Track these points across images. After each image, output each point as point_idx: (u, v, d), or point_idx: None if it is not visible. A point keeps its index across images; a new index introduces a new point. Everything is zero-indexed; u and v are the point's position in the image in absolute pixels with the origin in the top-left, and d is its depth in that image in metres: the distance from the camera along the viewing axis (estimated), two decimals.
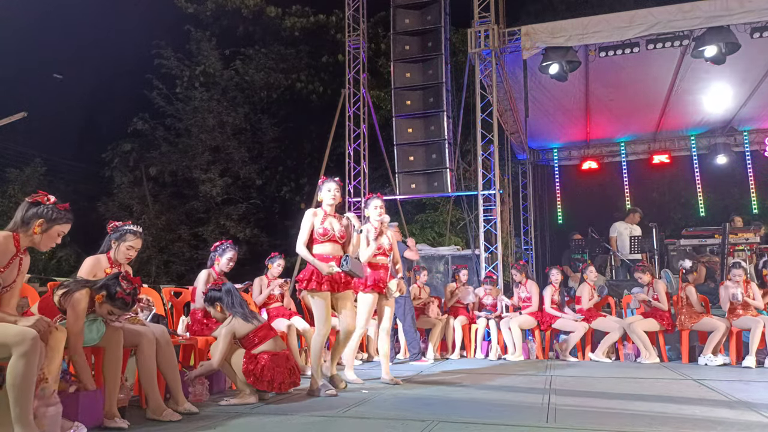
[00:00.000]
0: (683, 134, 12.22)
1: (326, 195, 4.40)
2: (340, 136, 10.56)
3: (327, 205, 4.42)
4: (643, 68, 8.77)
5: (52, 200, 2.87)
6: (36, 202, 2.84)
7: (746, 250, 8.79)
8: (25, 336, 2.53)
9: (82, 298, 3.02)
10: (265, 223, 15.59)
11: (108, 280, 3.17)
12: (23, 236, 2.80)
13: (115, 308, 3.16)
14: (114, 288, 3.11)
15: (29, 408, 2.53)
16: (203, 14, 15.44)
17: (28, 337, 2.52)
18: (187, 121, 15.16)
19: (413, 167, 8.98)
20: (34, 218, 2.80)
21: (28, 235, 2.81)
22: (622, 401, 3.56)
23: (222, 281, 4.44)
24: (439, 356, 7.02)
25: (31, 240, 2.83)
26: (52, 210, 2.85)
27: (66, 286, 3.08)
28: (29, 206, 2.83)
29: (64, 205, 2.91)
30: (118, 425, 3.11)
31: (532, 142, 12.60)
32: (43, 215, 2.82)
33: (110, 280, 3.17)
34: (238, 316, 4.08)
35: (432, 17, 8.97)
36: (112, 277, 3.20)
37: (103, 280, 3.19)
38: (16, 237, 2.78)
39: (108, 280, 3.17)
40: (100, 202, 15.18)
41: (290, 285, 6.23)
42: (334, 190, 4.41)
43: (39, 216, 2.82)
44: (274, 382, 3.95)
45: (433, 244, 11.30)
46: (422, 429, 3.03)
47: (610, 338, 6.55)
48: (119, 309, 3.18)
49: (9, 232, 2.78)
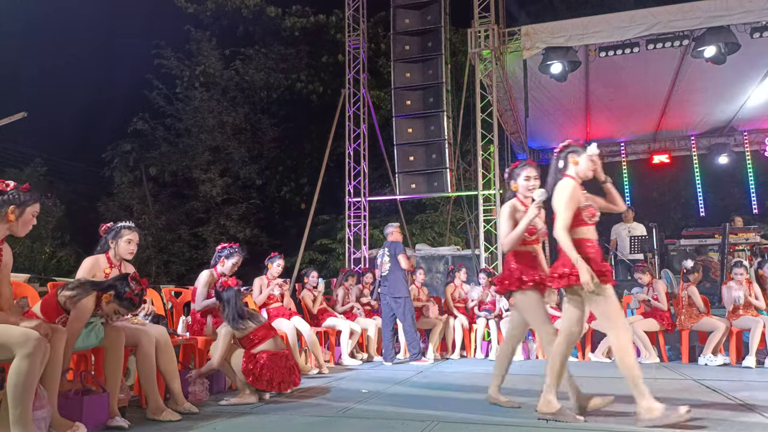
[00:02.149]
0: (683, 134, 12.22)
1: (523, 184, 3.65)
2: (340, 136, 10.56)
3: (523, 196, 3.66)
4: (643, 68, 8.77)
5: (12, 185, 2.81)
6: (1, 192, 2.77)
7: (746, 250, 8.79)
8: (29, 337, 2.53)
9: (89, 302, 3.04)
10: (265, 223, 15.60)
11: (116, 280, 3.18)
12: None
13: (121, 308, 3.17)
14: (123, 288, 3.12)
15: (29, 409, 2.53)
16: (203, 14, 15.45)
17: (31, 338, 2.53)
18: (187, 121, 15.17)
19: (413, 167, 8.98)
20: (4, 206, 2.75)
21: (2, 225, 2.76)
22: (622, 401, 3.56)
23: (227, 284, 4.41)
24: (439, 356, 7.01)
25: (8, 228, 2.79)
26: (19, 194, 2.81)
27: (73, 289, 3.07)
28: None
29: (25, 186, 2.85)
30: (118, 425, 3.11)
31: (532, 142, 12.59)
32: (13, 201, 2.77)
33: (118, 280, 3.18)
34: (228, 326, 4.08)
35: (432, 17, 8.98)
36: (121, 277, 3.21)
37: (110, 280, 3.20)
38: None
39: (116, 280, 3.18)
40: (100, 202, 15.20)
41: (290, 285, 6.23)
42: (534, 178, 3.65)
43: (8, 203, 2.76)
44: (273, 382, 3.96)
45: (433, 244, 11.30)
46: (422, 429, 3.03)
47: None
48: (125, 309, 3.19)
49: None
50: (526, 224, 3.47)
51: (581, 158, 3.34)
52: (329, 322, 6.35)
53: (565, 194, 3.22)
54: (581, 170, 3.32)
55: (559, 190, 3.27)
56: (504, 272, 3.64)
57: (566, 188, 3.25)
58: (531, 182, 3.63)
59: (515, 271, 3.52)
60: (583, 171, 3.33)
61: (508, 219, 3.55)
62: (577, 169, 3.33)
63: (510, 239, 3.51)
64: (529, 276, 3.48)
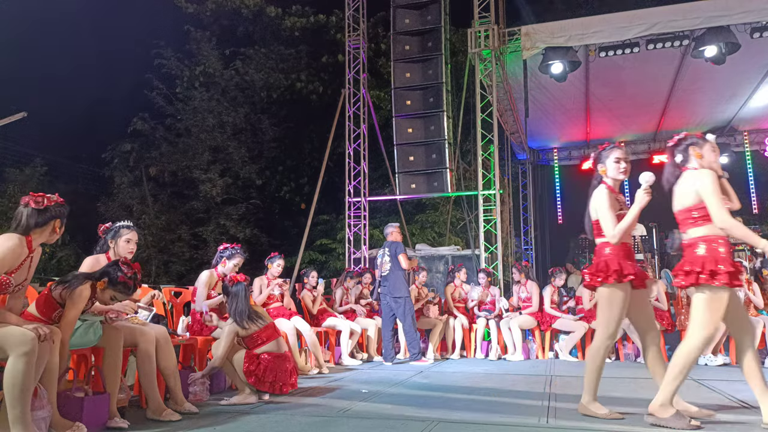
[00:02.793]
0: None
1: (613, 167, 3.40)
2: (340, 136, 10.56)
3: (613, 180, 3.41)
4: (643, 68, 8.77)
5: (55, 200, 2.95)
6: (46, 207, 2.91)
7: (746, 250, 8.80)
8: (25, 337, 2.55)
9: (84, 289, 3.05)
10: (264, 223, 15.59)
11: (108, 267, 3.20)
12: (38, 237, 2.89)
13: (117, 293, 3.18)
14: (115, 273, 3.14)
15: (28, 409, 2.54)
16: (203, 14, 15.46)
17: (28, 338, 2.55)
18: (187, 121, 15.17)
19: (413, 167, 8.98)
20: (51, 220, 2.91)
21: (45, 236, 2.92)
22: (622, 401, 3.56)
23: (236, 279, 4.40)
24: (439, 356, 7.01)
25: (50, 239, 2.95)
26: (61, 208, 2.97)
27: (65, 281, 3.09)
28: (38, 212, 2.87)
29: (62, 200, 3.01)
30: (118, 425, 3.11)
31: (532, 142, 12.60)
32: (58, 215, 2.94)
33: (110, 266, 3.20)
34: (234, 322, 4.09)
35: (432, 17, 8.97)
36: (112, 263, 3.22)
37: (102, 268, 3.21)
38: (29, 240, 2.86)
39: (108, 267, 3.20)
40: (100, 202, 15.20)
41: (290, 285, 6.23)
42: (624, 161, 3.41)
43: (55, 216, 2.93)
44: (275, 384, 3.96)
45: (433, 244, 11.30)
46: (422, 429, 3.03)
47: None
48: (122, 293, 3.20)
49: (21, 235, 2.83)
50: (637, 212, 3.20)
51: (705, 150, 3.12)
52: (329, 322, 6.35)
53: (711, 185, 2.97)
54: (707, 162, 3.10)
55: (701, 183, 3.00)
56: (598, 263, 3.31)
57: (708, 179, 2.99)
58: (622, 165, 3.38)
59: (612, 262, 3.23)
60: (708, 163, 3.10)
61: (610, 207, 3.26)
62: (701, 162, 3.11)
63: (620, 230, 3.21)
64: (628, 269, 3.21)
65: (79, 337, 3.18)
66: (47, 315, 3.04)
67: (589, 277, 3.32)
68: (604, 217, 3.27)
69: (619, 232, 3.21)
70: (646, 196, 3.17)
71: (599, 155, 3.48)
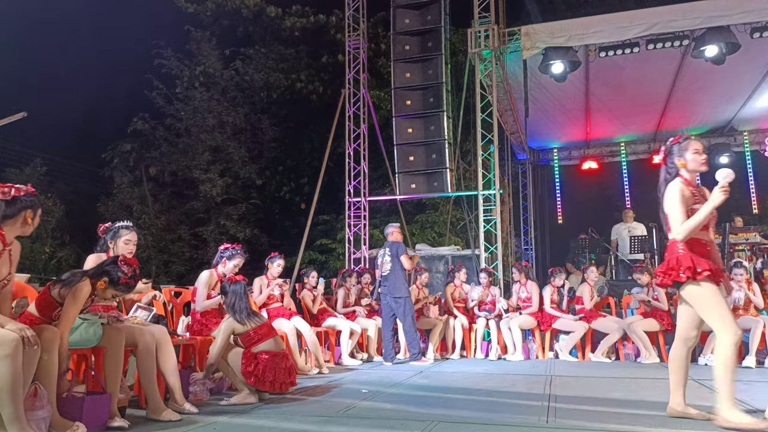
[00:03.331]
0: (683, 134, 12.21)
1: (693, 158, 3.25)
2: (340, 136, 10.56)
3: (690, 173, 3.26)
4: (643, 68, 8.77)
5: (24, 189, 2.89)
6: (14, 198, 2.83)
7: (746, 250, 8.79)
8: (6, 338, 2.52)
9: (84, 285, 3.04)
10: (264, 223, 15.59)
11: (107, 265, 3.17)
12: (9, 229, 2.82)
13: (118, 292, 3.18)
14: (116, 273, 3.13)
15: (20, 408, 2.52)
16: (203, 14, 15.45)
17: (8, 339, 2.51)
18: (187, 121, 15.16)
19: (413, 167, 8.98)
20: (21, 211, 2.83)
21: (17, 228, 2.84)
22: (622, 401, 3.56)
23: (234, 279, 4.41)
24: (439, 356, 7.01)
25: (22, 231, 2.87)
26: (33, 198, 2.89)
27: (64, 280, 3.08)
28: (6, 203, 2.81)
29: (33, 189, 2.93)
30: (118, 425, 3.11)
31: (532, 142, 12.60)
32: (30, 205, 2.86)
33: (110, 265, 3.17)
34: (233, 318, 4.09)
35: (432, 17, 8.97)
36: (111, 261, 3.20)
37: (101, 266, 3.18)
38: (1, 233, 2.80)
39: (107, 265, 3.17)
40: (100, 202, 15.19)
41: (290, 285, 6.23)
42: (702, 152, 3.27)
43: (26, 207, 2.85)
44: (275, 383, 3.96)
45: (433, 244, 11.29)
46: (422, 429, 3.03)
47: (610, 339, 6.55)
48: (122, 292, 3.20)
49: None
50: (710, 210, 3.07)
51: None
52: (329, 322, 6.35)
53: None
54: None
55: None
56: (670, 261, 3.16)
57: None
58: (701, 156, 3.24)
59: (684, 259, 3.08)
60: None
61: (681, 203, 3.12)
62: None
63: (688, 227, 3.07)
64: (702, 265, 3.05)
65: (80, 335, 3.18)
66: (47, 315, 3.03)
67: (662, 276, 3.20)
68: (672, 213, 3.16)
69: (686, 229, 3.09)
70: (722, 195, 3.03)
71: (672, 148, 3.35)
